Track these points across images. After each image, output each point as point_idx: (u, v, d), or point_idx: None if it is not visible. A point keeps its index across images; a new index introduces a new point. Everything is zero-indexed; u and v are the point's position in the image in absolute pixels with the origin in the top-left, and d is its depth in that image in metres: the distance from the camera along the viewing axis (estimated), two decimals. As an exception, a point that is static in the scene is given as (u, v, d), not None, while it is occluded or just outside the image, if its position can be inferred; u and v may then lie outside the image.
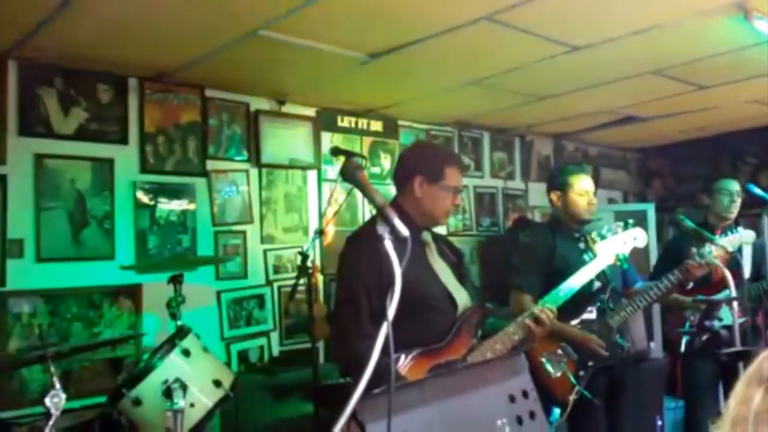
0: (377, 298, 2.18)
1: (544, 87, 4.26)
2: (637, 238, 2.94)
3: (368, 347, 1.32)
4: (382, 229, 1.45)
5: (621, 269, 3.22)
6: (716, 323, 3.27)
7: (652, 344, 4.72)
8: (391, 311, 1.34)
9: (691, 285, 3.40)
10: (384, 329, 1.34)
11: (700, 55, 3.68)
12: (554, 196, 3.29)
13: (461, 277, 2.56)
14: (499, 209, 5.74)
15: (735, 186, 3.84)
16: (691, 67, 3.89)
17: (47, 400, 2.17)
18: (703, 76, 4.11)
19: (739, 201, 3.82)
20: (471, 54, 3.52)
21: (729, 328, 3.14)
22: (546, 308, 2.57)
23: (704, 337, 3.47)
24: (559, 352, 3.06)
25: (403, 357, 2.23)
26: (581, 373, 3.02)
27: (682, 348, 3.25)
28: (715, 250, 3.11)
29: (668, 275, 3.13)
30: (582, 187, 3.21)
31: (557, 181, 3.29)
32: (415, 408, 1.51)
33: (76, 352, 2.64)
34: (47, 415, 2.18)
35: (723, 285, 2.94)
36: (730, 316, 3.13)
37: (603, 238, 2.89)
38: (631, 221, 2.97)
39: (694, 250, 3.13)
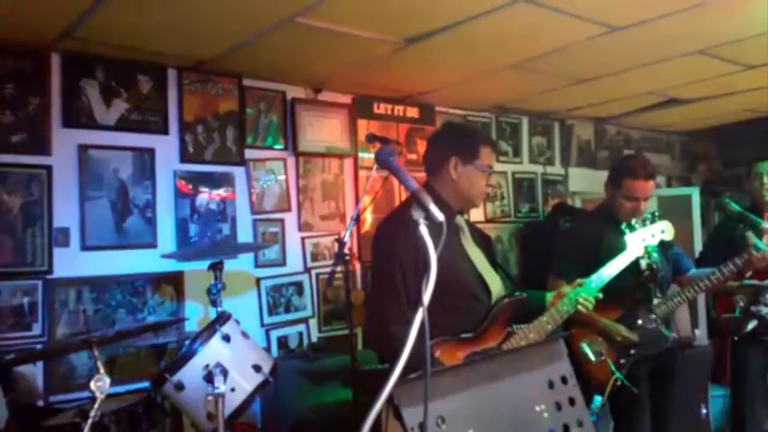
0: (414, 282, 2.17)
1: (583, 69, 4.17)
2: (665, 230, 2.89)
3: (408, 332, 1.31)
4: (417, 214, 1.42)
5: (673, 256, 3.16)
6: (764, 309, 3.18)
7: (696, 331, 4.62)
8: (427, 297, 1.32)
9: (750, 273, 3.29)
10: (419, 315, 1.32)
11: (747, 33, 3.56)
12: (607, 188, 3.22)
13: (493, 262, 2.53)
14: (538, 195, 5.67)
15: (766, 167, 3.69)
16: (738, 46, 3.76)
17: (92, 384, 2.24)
18: (751, 55, 3.97)
19: None
20: (509, 37, 3.46)
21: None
22: (582, 297, 2.54)
23: (752, 323, 3.38)
24: (600, 339, 3.03)
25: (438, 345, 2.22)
26: (622, 361, 2.99)
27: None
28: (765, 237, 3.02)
29: (725, 265, 3.04)
30: (630, 193, 3.07)
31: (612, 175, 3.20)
32: (452, 393, 1.50)
33: (119, 337, 2.70)
34: (93, 398, 2.24)
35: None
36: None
37: (633, 230, 2.86)
38: (657, 213, 2.92)
39: (750, 238, 3.02)
